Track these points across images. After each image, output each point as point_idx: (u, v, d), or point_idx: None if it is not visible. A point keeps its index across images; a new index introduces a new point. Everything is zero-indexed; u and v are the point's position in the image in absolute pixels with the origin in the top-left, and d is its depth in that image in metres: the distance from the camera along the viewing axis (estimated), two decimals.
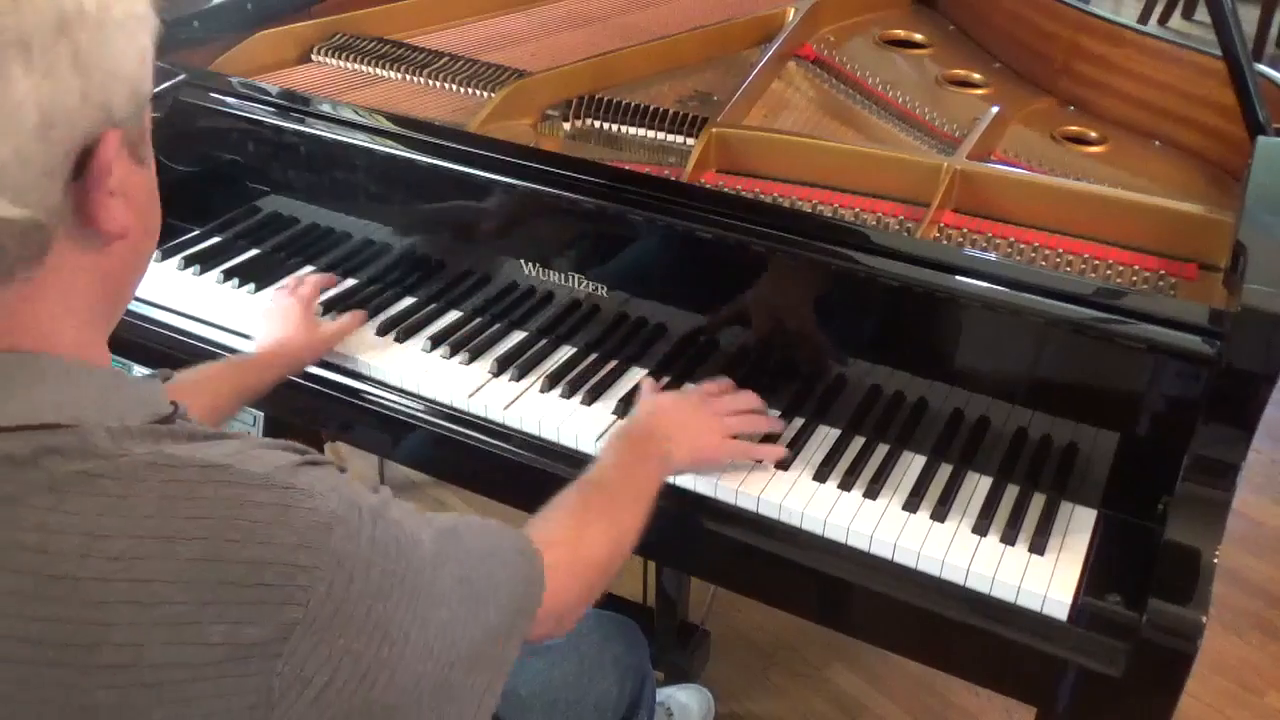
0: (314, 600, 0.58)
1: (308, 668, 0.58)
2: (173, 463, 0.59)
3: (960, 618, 1.02)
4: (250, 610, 0.56)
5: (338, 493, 0.61)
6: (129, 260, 0.66)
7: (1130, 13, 4.85)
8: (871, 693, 1.87)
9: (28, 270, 0.59)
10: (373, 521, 0.62)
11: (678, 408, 1.13)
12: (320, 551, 0.58)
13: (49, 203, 0.57)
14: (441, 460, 1.33)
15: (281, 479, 0.60)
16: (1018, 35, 1.58)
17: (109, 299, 0.65)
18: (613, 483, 0.99)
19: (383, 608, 0.61)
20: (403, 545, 0.64)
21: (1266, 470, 2.38)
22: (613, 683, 1.19)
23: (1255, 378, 0.95)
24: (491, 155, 1.25)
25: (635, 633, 1.28)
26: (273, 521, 0.58)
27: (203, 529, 0.57)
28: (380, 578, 0.61)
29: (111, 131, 0.59)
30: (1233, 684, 1.88)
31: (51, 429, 0.58)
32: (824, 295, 1.16)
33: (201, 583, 0.56)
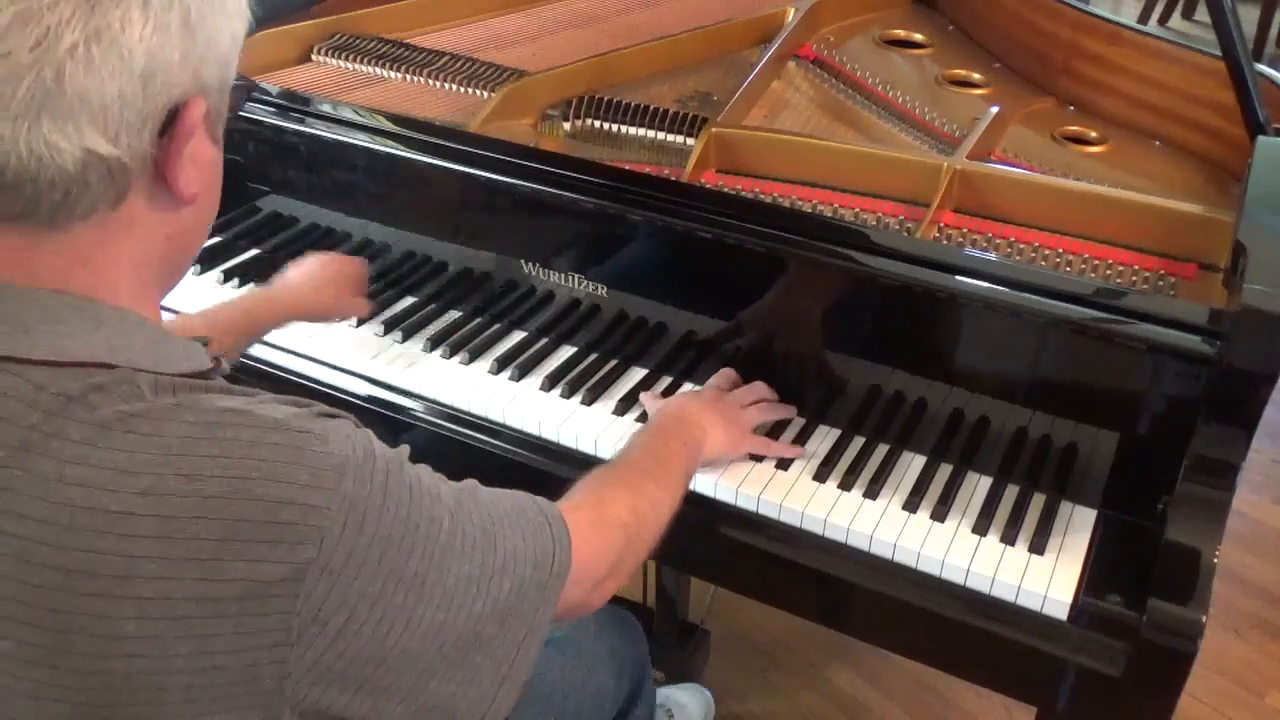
0: (327, 540, 0.60)
1: (325, 609, 0.60)
2: (196, 405, 0.62)
3: (960, 618, 1.02)
4: (267, 548, 0.59)
5: (351, 440, 0.64)
6: (191, 229, 0.70)
7: (1130, 13, 4.85)
8: (871, 693, 1.87)
9: (104, 214, 0.62)
10: (385, 469, 0.65)
11: (699, 402, 1.14)
12: (332, 493, 0.61)
13: (137, 149, 0.61)
14: (441, 460, 1.32)
15: (298, 423, 0.63)
16: (1018, 35, 1.58)
17: (169, 262, 0.69)
18: (631, 459, 1.01)
19: (396, 553, 0.64)
20: (416, 495, 0.66)
21: (1266, 470, 2.38)
22: (609, 675, 1.19)
23: (1255, 377, 0.95)
24: (491, 155, 1.25)
25: (633, 626, 1.28)
26: (287, 461, 0.61)
27: (222, 467, 0.59)
28: (393, 523, 0.64)
29: (199, 98, 0.63)
30: (1233, 684, 1.88)
31: (102, 368, 0.62)
32: (824, 295, 1.16)
33: (222, 519, 0.59)
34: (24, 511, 0.58)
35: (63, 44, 0.56)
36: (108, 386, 0.61)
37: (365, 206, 1.38)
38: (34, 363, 0.60)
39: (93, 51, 0.57)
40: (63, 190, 0.59)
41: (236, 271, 1.44)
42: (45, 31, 0.56)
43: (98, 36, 0.57)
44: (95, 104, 0.58)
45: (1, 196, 0.59)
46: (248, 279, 1.42)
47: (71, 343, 0.62)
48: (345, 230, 1.41)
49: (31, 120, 0.57)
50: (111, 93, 0.58)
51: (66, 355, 0.61)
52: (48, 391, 0.60)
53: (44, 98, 0.57)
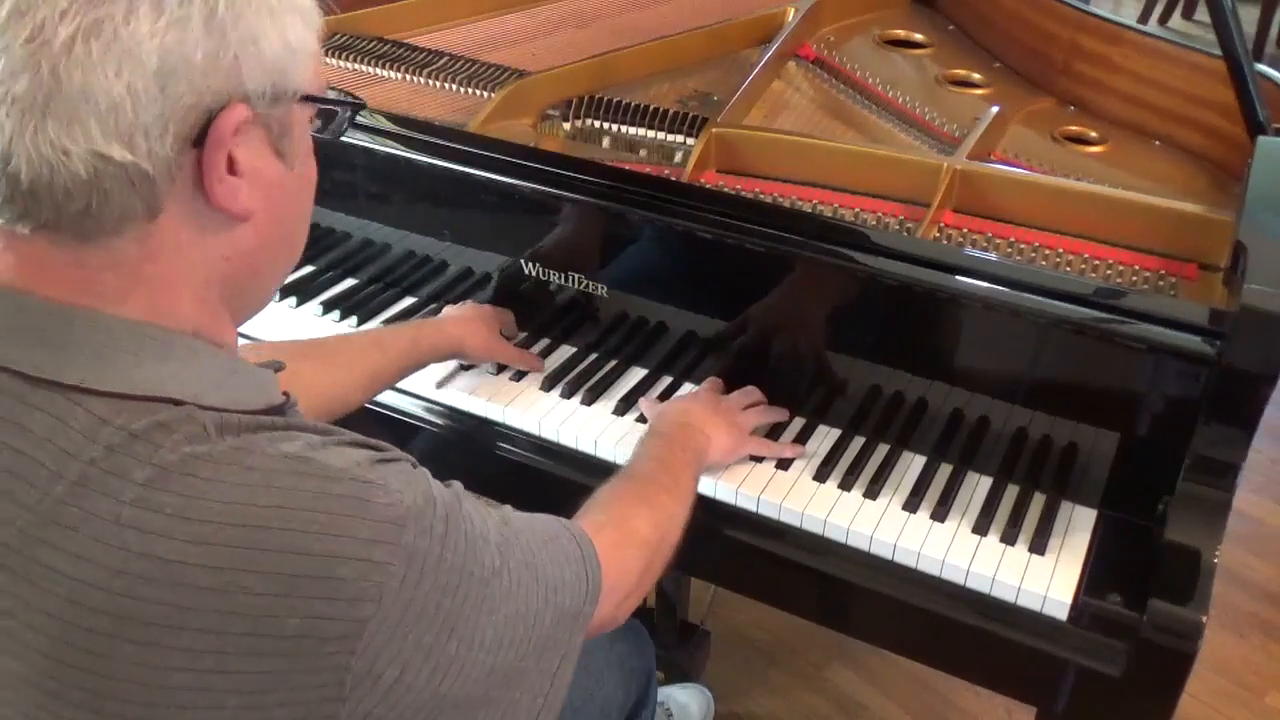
0: (387, 596, 0.58)
1: (379, 663, 0.59)
2: (259, 450, 0.59)
3: (960, 618, 1.02)
4: (325, 604, 0.57)
5: (413, 488, 0.62)
6: (254, 254, 0.65)
7: (1130, 13, 4.85)
8: (871, 693, 1.87)
9: (140, 227, 0.59)
10: (445, 517, 0.63)
11: (699, 406, 1.14)
12: (395, 547, 0.59)
13: (160, 154, 0.57)
14: (441, 461, 1.33)
15: (359, 473, 0.61)
16: (1018, 35, 1.58)
17: (235, 285, 0.66)
18: (645, 472, 1.00)
19: (451, 602, 0.62)
20: (471, 540, 0.65)
21: (1266, 470, 2.38)
22: (618, 685, 1.19)
23: (1255, 378, 0.95)
24: (491, 155, 1.25)
25: (642, 634, 1.28)
26: (349, 515, 0.59)
27: (281, 519, 0.57)
28: (450, 573, 0.62)
29: (239, 104, 0.59)
30: (1233, 684, 1.88)
31: (168, 404, 0.59)
32: (824, 295, 1.16)
33: (280, 574, 0.57)
34: (78, 552, 0.56)
35: (58, 38, 0.53)
36: (172, 425, 0.58)
37: (365, 206, 1.38)
38: (99, 394, 0.58)
39: (91, 46, 0.54)
40: (82, 200, 0.56)
41: None
42: (40, 24, 0.53)
43: (97, 30, 0.54)
44: (101, 103, 0.55)
45: (26, 204, 0.57)
46: None
47: (139, 374, 0.59)
48: (345, 230, 1.41)
49: (37, 120, 0.54)
50: (119, 91, 0.55)
51: (133, 388, 0.59)
52: (111, 425, 0.57)
53: (45, 96, 0.54)
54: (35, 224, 0.58)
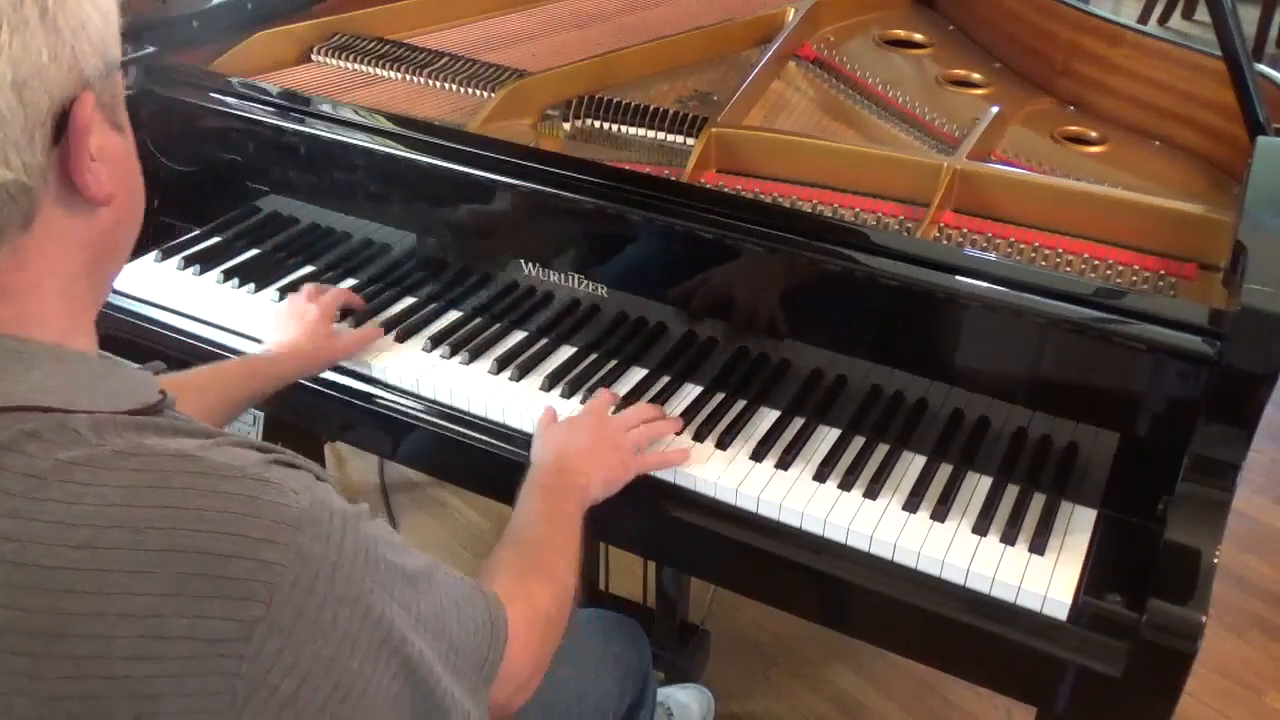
0: (277, 599, 0.56)
1: (274, 673, 0.56)
2: (144, 451, 0.58)
3: (960, 618, 1.02)
4: (212, 604, 0.55)
5: (310, 493, 0.60)
6: (114, 232, 0.66)
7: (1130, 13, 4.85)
8: (871, 693, 1.87)
9: (15, 238, 0.59)
10: (343, 528, 0.60)
11: (579, 439, 1.10)
12: (286, 548, 0.57)
13: (32, 164, 0.57)
14: (441, 460, 1.33)
15: (253, 471, 0.59)
16: (1018, 35, 1.58)
17: (94, 272, 0.65)
18: (542, 536, 0.97)
19: (350, 617, 0.59)
20: (373, 557, 0.62)
21: (1266, 470, 2.38)
22: (614, 682, 1.19)
23: (1255, 378, 0.95)
24: (491, 155, 1.25)
25: (637, 632, 1.28)
26: (240, 513, 0.57)
27: (168, 518, 0.56)
28: (349, 584, 0.60)
29: (86, 93, 0.59)
30: (1233, 684, 1.88)
31: (35, 411, 0.58)
32: (824, 296, 1.16)
33: (165, 574, 0.55)
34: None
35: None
36: (41, 433, 0.56)
37: (365, 206, 1.38)
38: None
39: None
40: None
41: (236, 272, 1.44)
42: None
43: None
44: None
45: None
46: (248, 279, 1.42)
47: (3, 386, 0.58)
48: (345, 230, 1.41)
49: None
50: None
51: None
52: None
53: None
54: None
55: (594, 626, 1.24)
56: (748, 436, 1.18)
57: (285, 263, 1.47)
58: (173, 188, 1.49)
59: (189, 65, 1.45)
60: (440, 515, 2.22)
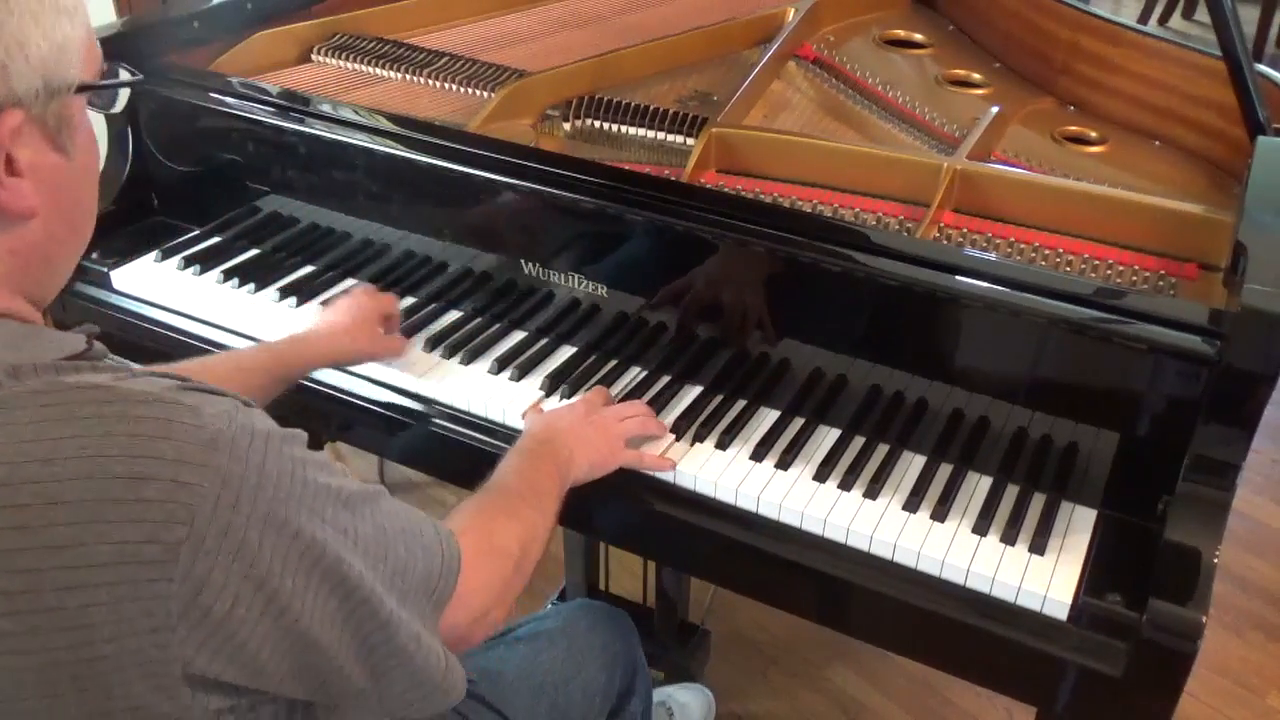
0: (199, 519, 0.57)
1: (205, 594, 0.57)
2: (55, 387, 0.59)
3: (960, 618, 1.02)
4: (133, 528, 0.56)
5: (229, 415, 0.60)
6: (41, 244, 0.66)
7: (1130, 13, 4.85)
8: (871, 693, 1.87)
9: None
10: (264, 448, 0.61)
11: (568, 419, 1.11)
12: (204, 469, 0.57)
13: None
14: (441, 460, 1.33)
15: (166, 395, 0.59)
16: (1018, 35, 1.58)
17: (23, 274, 0.65)
18: (514, 486, 0.98)
19: (278, 536, 0.60)
20: (299, 479, 0.62)
21: (1266, 470, 2.38)
22: (600, 668, 1.20)
23: (1255, 378, 0.95)
24: (491, 155, 1.25)
25: (624, 622, 1.29)
26: (154, 435, 0.57)
27: (80, 447, 0.56)
28: (272, 504, 0.60)
29: (11, 110, 0.59)
30: (1233, 684, 1.88)
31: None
32: (824, 296, 1.16)
33: (82, 502, 0.55)
34: None
35: None
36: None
37: (365, 206, 1.38)
38: None
39: None
40: None
41: (236, 272, 1.44)
42: None
43: None
44: None
45: None
46: (248, 279, 1.42)
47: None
48: (345, 230, 1.41)
49: None
50: None
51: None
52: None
53: None
54: None
55: (579, 615, 1.26)
56: (748, 437, 1.18)
57: (285, 263, 1.47)
58: (173, 188, 1.49)
59: (189, 65, 1.45)
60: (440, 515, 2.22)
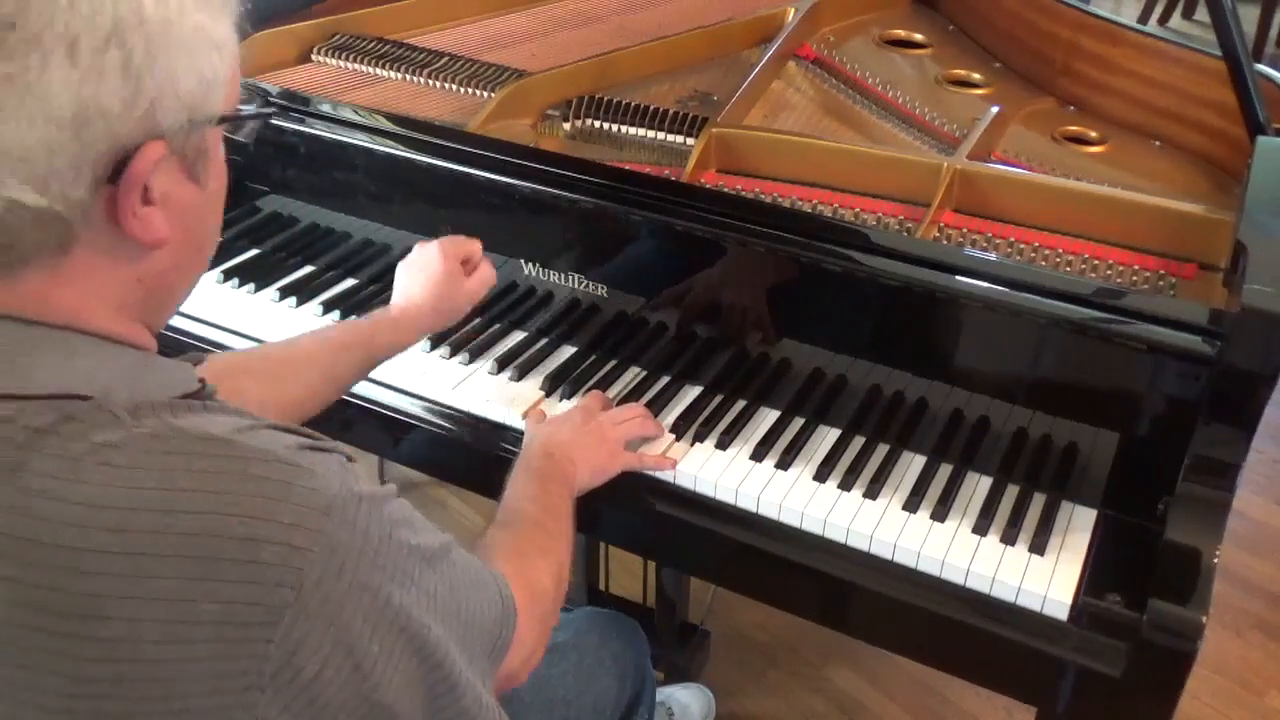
0: (306, 584, 0.57)
1: (299, 656, 0.58)
2: (176, 434, 0.59)
3: (960, 618, 1.02)
4: (243, 589, 0.56)
5: (340, 478, 0.61)
6: (168, 273, 0.66)
7: (1130, 13, 4.85)
8: (871, 693, 1.87)
9: (52, 259, 0.59)
10: (369, 513, 0.62)
11: (567, 429, 1.12)
12: (316, 534, 0.58)
13: (72, 197, 0.57)
14: (441, 460, 1.33)
15: (285, 455, 0.60)
16: (1018, 35, 1.58)
17: (146, 302, 0.66)
18: (536, 516, 0.98)
19: (373, 603, 0.61)
20: (395, 542, 0.64)
21: (1267, 470, 2.38)
22: (612, 680, 1.19)
23: (1255, 378, 0.95)
24: (491, 155, 1.25)
25: (635, 631, 1.28)
26: (272, 498, 0.58)
27: (200, 502, 0.57)
28: (371, 571, 0.61)
29: (154, 143, 0.59)
30: (1233, 684, 1.88)
31: (74, 399, 0.59)
32: (824, 296, 1.16)
33: (196, 558, 0.56)
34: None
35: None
36: (80, 416, 0.58)
37: (365, 206, 1.38)
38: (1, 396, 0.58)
39: (3, 100, 0.54)
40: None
41: (236, 272, 1.44)
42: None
43: (9, 83, 0.54)
44: (14, 153, 0.55)
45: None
46: (247, 279, 1.42)
47: (41, 374, 0.59)
48: (345, 230, 1.41)
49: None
50: (32, 141, 0.55)
51: (33, 387, 0.58)
52: (15, 424, 0.57)
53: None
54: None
55: (591, 625, 1.24)
56: (748, 437, 1.18)
57: (285, 263, 1.47)
58: None
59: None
60: (440, 515, 2.22)
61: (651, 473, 1.14)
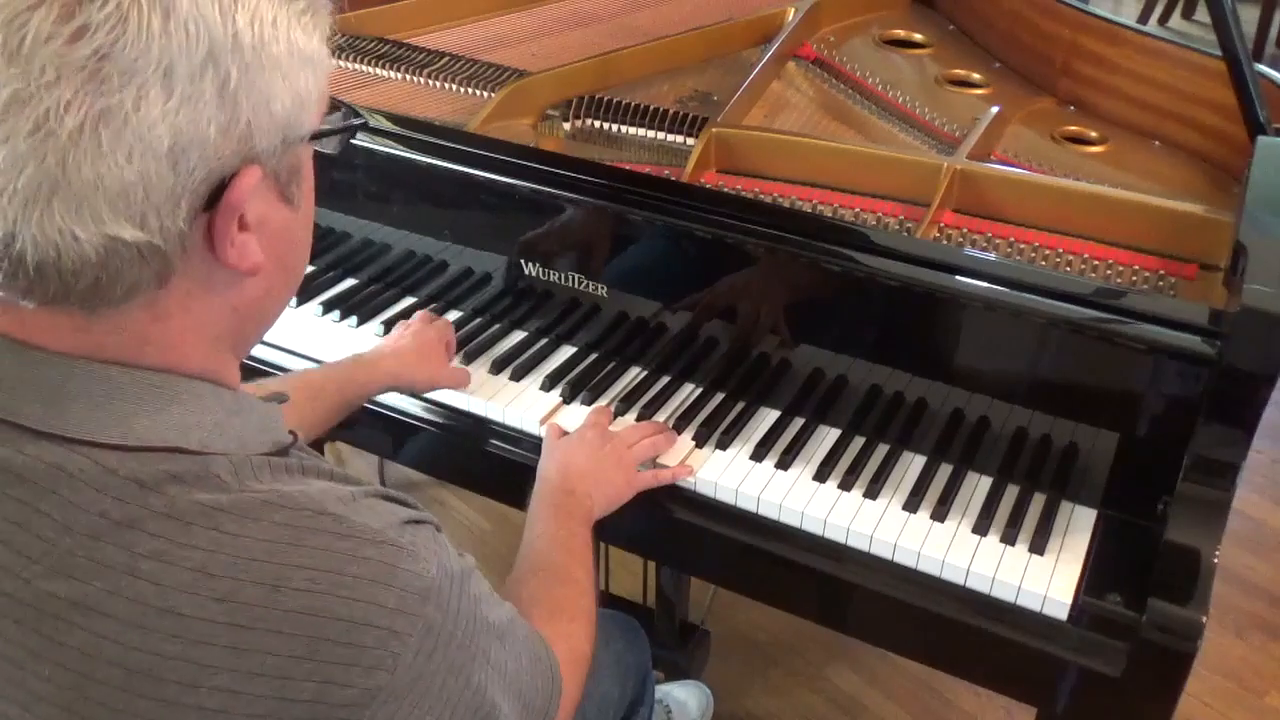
0: (400, 667, 0.58)
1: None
2: (287, 504, 0.58)
3: (960, 618, 1.02)
4: (342, 671, 0.57)
5: (438, 558, 0.62)
6: (261, 299, 0.64)
7: (1130, 13, 4.85)
8: (871, 693, 1.87)
9: (150, 293, 0.57)
10: (459, 594, 0.63)
11: (583, 455, 1.10)
12: (416, 619, 0.59)
13: (171, 229, 0.55)
14: (441, 461, 1.33)
15: (391, 536, 0.60)
16: (1018, 35, 1.58)
17: (239, 331, 0.64)
18: (565, 568, 0.97)
19: (455, 682, 0.62)
20: (479, 622, 0.65)
21: (1267, 470, 2.38)
22: (614, 683, 1.19)
23: (1255, 378, 0.95)
24: (491, 155, 1.25)
25: (637, 631, 1.28)
26: (378, 581, 0.58)
27: (308, 579, 0.57)
28: (458, 653, 0.62)
29: (251, 168, 0.57)
30: (1233, 684, 1.88)
31: (176, 453, 0.58)
32: (824, 296, 1.16)
33: (301, 636, 0.56)
34: (93, 605, 0.55)
35: (65, 128, 0.50)
36: (183, 476, 0.57)
37: (365, 206, 1.38)
38: (102, 445, 0.57)
39: (100, 135, 0.51)
40: (90, 278, 0.54)
41: None
42: (45, 115, 0.50)
43: (106, 118, 0.51)
44: (113, 189, 0.52)
45: (33, 282, 0.54)
46: None
47: (140, 423, 0.58)
48: (345, 230, 1.41)
49: (42, 207, 0.52)
50: (131, 176, 0.52)
51: (134, 438, 0.57)
52: (118, 475, 0.56)
53: (51, 186, 0.51)
54: (40, 300, 0.56)
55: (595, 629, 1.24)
56: (748, 437, 1.18)
57: None
58: None
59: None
60: (440, 515, 2.20)
61: None
